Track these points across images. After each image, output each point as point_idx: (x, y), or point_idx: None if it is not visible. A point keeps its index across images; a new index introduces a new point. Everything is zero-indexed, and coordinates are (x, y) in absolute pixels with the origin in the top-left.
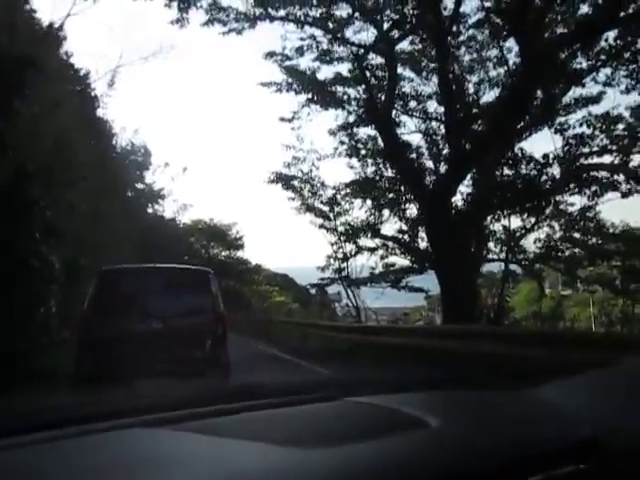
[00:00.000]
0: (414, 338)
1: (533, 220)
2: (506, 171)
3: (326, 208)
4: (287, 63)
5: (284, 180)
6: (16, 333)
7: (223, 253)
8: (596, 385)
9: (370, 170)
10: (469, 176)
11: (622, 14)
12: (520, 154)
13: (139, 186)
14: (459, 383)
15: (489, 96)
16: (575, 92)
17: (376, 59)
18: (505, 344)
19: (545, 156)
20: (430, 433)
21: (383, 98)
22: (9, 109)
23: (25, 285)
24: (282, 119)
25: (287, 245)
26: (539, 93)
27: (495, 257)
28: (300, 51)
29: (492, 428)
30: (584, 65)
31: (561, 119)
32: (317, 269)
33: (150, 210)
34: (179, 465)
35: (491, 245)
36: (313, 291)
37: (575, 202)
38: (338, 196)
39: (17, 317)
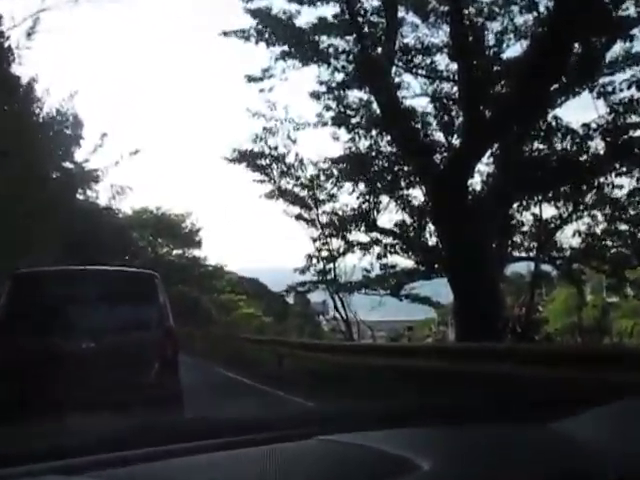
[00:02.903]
0: (419, 360)
1: (570, 208)
2: (537, 145)
3: (306, 193)
4: (256, 4)
5: (249, 158)
6: None
7: (174, 252)
8: (633, 417)
9: (363, 144)
10: (490, 152)
11: None
12: (554, 124)
13: (67, 165)
14: (463, 415)
15: (514, 50)
16: (622, 46)
17: (371, 0)
18: (533, 366)
19: (585, 126)
20: (422, 477)
21: (380, 51)
22: None
23: None
24: (250, 78)
25: (257, 242)
26: (577, 47)
27: (523, 255)
28: None
29: (500, 470)
30: (632, 12)
31: (604, 80)
32: (295, 272)
33: (81, 196)
34: None
35: (518, 240)
36: (291, 299)
37: (623, 184)
38: (322, 177)
39: None
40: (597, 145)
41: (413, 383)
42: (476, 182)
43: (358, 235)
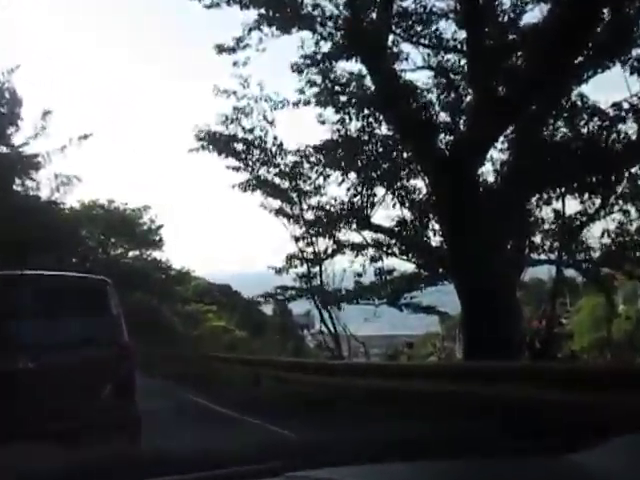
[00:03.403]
0: (420, 382)
1: (598, 202)
2: (559, 128)
3: (287, 184)
4: None
5: (219, 142)
6: None
7: (130, 253)
8: None
9: (354, 126)
10: (503, 136)
11: None
12: (579, 103)
13: (2, 149)
14: (458, 447)
15: (533, 15)
16: None
17: None
18: (554, 389)
19: (615, 106)
20: None
21: (374, 16)
22: None
23: None
24: (221, 49)
25: (229, 241)
26: (606, 13)
27: (543, 257)
28: None
29: None
30: None
31: (638, 52)
32: (269, 269)
33: (18, 187)
34: None
35: (537, 239)
36: (269, 309)
37: None
38: (306, 165)
39: None
40: (629, 128)
41: (411, 409)
42: (488, 171)
43: (349, 234)
